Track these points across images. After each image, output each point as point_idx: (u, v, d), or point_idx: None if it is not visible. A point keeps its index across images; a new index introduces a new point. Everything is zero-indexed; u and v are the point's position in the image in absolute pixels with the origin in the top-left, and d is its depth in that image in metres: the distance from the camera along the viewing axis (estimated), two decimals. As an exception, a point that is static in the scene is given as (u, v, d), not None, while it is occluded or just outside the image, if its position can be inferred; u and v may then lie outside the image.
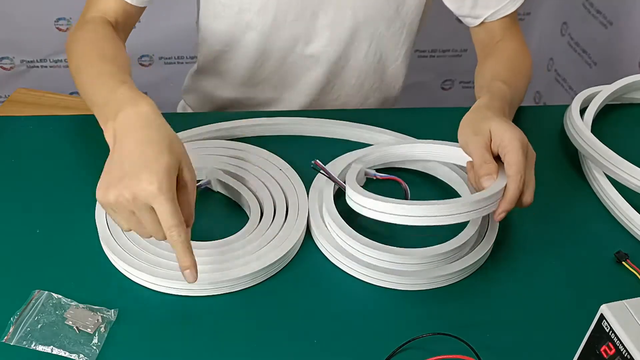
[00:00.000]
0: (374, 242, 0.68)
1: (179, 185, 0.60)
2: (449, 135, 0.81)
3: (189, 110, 1.14)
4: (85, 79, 0.74)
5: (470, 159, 0.70)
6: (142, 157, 0.58)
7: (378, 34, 0.97)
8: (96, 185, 0.73)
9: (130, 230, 0.61)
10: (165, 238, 0.59)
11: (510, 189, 0.65)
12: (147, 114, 0.62)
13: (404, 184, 0.74)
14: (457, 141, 0.73)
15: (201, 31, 1.02)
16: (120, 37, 0.84)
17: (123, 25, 0.87)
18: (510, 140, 0.66)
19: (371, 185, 0.77)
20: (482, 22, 0.96)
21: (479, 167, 0.67)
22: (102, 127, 0.66)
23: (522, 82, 0.89)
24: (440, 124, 0.90)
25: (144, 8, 0.89)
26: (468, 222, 0.70)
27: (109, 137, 0.64)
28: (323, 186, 0.75)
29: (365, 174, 0.76)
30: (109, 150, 0.80)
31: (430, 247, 0.68)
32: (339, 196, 0.73)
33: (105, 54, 0.76)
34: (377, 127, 0.86)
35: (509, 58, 0.92)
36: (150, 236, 0.61)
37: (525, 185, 0.66)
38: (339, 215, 0.70)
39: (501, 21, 0.96)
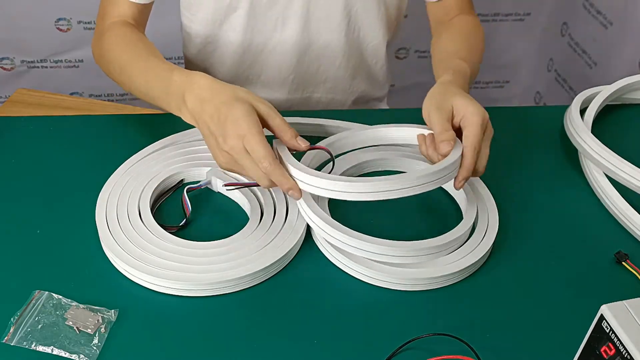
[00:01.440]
0: (367, 236, 0.68)
1: (262, 117, 0.68)
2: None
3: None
4: (136, 78, 0.80)
5: (422, 132, 0.74)
6: (220, 117, 0.67)
7: (355, 11, 0.99)
8: (95, 185, 0.74)
9: (259, 180, 0.68)
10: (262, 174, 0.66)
11: (467, 158, 0.69)
12: (206, 85, 0.70)
13: (332, 154, 0.74)
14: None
15: (184, 27, 1.04)
16: (142, 32, 0.91)
17: (141, 22, 0.93)
18: (471, 114, 0.71)
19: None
20: None
21: (439, 134, 0.71)
22: (170, 110, 0.74)
23: (478, 58, 0.93)
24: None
25: (152, 3, 0.94)
26: (463, 216, 0.72)
27: (188, 120, 0.72)
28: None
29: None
30: (109, 151, 0.81)
31: (425, 239, 0.68)
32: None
33: (142, 51, 0.82)
34: (379, 127, 0.86)
35: (466, 34, 0.95)
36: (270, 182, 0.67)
37: (479, 157, 0.70)
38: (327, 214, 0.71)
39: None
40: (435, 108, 0.73)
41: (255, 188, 0.75)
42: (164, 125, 0.85)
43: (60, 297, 0.63)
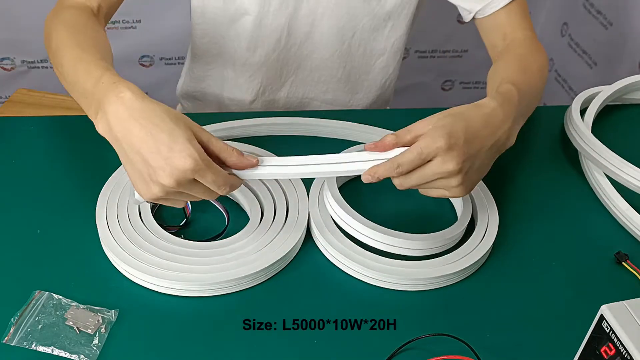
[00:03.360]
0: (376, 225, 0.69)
1: (203, 145, 0.60)
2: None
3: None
4: (66, 62, 0.71)
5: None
6: (158, 142, 0.58)
7: (361, 27, 0.98)
8: (95, 185, 0.73)
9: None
10: (218, 195, 0.62)
11: (380, 166, 0.61)
12: (132, 99, 0.60)
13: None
14: None
15: (193, 30, 1.03)
16: (101, 24, 0.81)
17: (106, 9, 0.84)
18: (424, 135, 0.61)
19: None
20: (474, 17, 0.92)
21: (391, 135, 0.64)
22: (88, 114, 0.65)
23: (536, 80, 0.81)
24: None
25: None
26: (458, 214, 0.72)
27: (101, 128, 0.62)
28: (324, 184, 0.75)
29: None
30: (109, 151, 0.81)
31: (432, 233, 0.69)
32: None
33: (86, 40, 0.73)
34: (378, 127, 0.86)
35: (520, 57, 0.85)
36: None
37: (398, 177, 0.62)
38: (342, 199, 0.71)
39: (506, 14, 0.89)
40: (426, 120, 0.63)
41: (255, 188, 0.75)
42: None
43: (61, 297, 0.63)
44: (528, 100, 0.75)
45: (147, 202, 0.69)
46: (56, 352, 0.59)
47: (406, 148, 0.62)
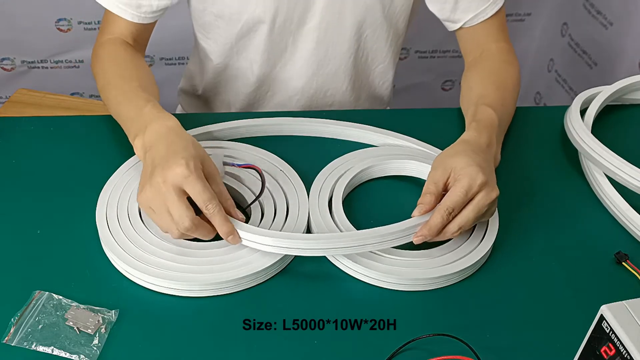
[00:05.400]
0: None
1: (206, 176, 0.66)
2: (448, 135, 0.81)
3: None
4: (112, 97, 0.80)
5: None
6: (169, 150, 0.66)
7: (365, 37, 0.97)
8: (96, 185, 0.74)
9: (167, 231, 0.65)
10: (191, 229, 0.64)
11: (432, 218, 0.66)
12: (172, 127, 0.70)
13: (262, 173, 0.73)
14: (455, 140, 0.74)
15: (199, 45, 1.02)
16: (139, 52, 0.91)
17: (140, 40, 0.92)
18: (461, 176, 0.67)
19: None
20: (461, 27, 0.94)
21: (421, 196, 0.69)
22: (131, 142, 0.73)
23: (511, 97, 0.88)
24: (440, 124, 0.90)
25: (152, 25, 0.93)
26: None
27: (138, 151, 0.71)
28: (324, 186, 0.75)
29: (224, 164, 0.75)
30: (109, 150, 0.81)
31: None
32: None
33: (128, 74, 0.82)
34: (378, 128, 0.86)
35: (495, 72, 0.90)
36: (183, 235, 0.65)
37: (454, 220, 0.67)
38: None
39: (484, 27, 0.94)
40: (434, 166, 0.71)
41: (255, 188, 0.75)
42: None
43: (61, 297, 0.63)
44: (505, 119, 0.84)
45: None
46: (56, 352, 0.59)
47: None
